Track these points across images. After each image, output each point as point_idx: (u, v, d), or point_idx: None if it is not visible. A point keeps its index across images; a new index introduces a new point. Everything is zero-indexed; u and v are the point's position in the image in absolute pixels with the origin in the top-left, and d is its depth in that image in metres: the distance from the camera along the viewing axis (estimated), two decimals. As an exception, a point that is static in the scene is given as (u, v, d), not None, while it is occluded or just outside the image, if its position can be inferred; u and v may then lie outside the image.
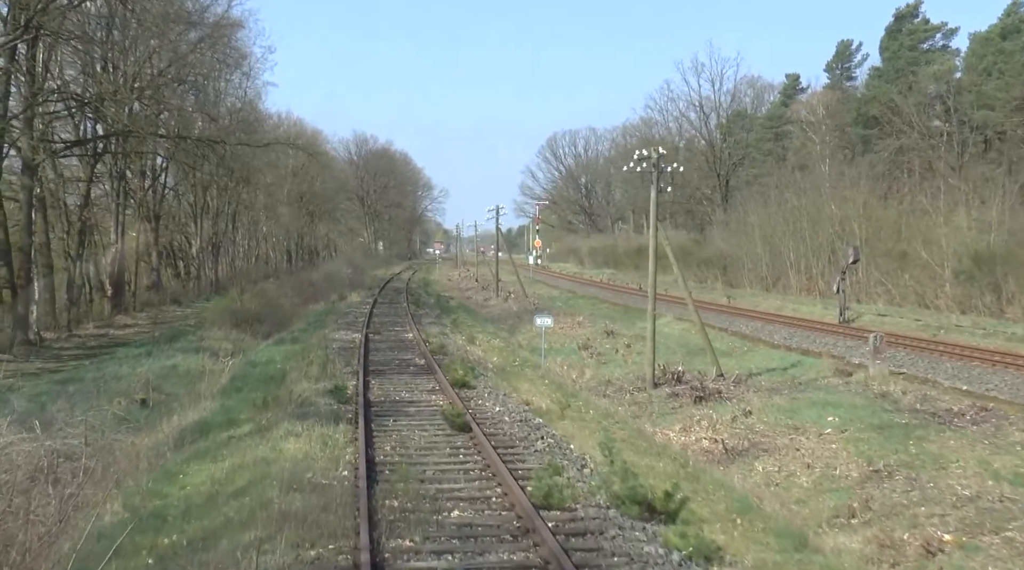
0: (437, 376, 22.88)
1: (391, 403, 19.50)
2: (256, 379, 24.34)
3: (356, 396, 19.79)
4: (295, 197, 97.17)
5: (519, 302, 58.23)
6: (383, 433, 16.30)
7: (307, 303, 58.46)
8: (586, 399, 21.94)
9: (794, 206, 60.17)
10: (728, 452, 18.96)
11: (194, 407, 21.44)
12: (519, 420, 17.55)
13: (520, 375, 24.98)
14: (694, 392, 24.28)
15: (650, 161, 27.10)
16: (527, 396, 20.85)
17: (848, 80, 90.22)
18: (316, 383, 21.56)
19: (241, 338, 41.50)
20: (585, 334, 39.39)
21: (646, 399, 25.27)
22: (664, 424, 22.29)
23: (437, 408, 18.82)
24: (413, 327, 36.07)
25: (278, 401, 19.06)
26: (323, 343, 30.94)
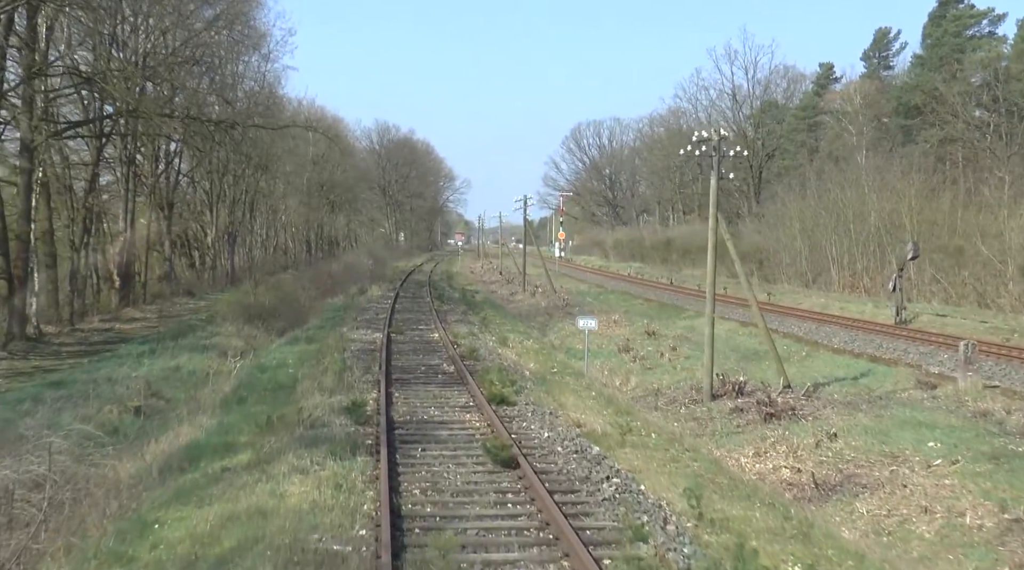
0: (470, 388, 19.71)
1: (418, 424, 16.35)
2: (263, 388, 21.26)
3: (377, 415, 16.67)
4: (315, 186, 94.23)
5: (547, 297, 55.04)
6: (410, 469, 13.15)
7: (325, 296, 55.46)
8: (644, 418, 18.71)
9: (837, 198, 56.62)
10: (819, 487, 15.73)
11: (191, 421, 18.41)
12: (574, 450, 14.37)
13: (562, 385, 21.80)
14: (761, 407, 21.03)
15: (710, 144, 23.79)
16: (577, 414, 17.67)
17: (886, 69, 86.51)
18: (330, 396, 18.43)
19: (253, 335, 38.67)
20: (623, 334, 36.16)
21: (705, 414, 22.04)
22: (731, 446, 19.08)
23: (473, 432, 15.69)
24: (439, 325, 32.94)
25: (284, 421, 15.94)
26: (340, 344, 27.85)
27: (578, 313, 45.06)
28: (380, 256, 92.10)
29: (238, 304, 42.64)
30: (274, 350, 29.92)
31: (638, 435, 16.26)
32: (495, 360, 25.05)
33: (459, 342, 28.19)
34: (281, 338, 35.24)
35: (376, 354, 25.35)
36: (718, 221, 24.78)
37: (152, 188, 51.74)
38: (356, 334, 30.78)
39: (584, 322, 26.74)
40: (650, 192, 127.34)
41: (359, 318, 36.65)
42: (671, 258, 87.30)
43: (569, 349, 34.62)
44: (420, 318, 36.81)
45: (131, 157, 47.11)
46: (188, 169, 60.63)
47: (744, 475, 15.95)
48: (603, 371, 29.55)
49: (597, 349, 34.17)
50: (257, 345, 36.13)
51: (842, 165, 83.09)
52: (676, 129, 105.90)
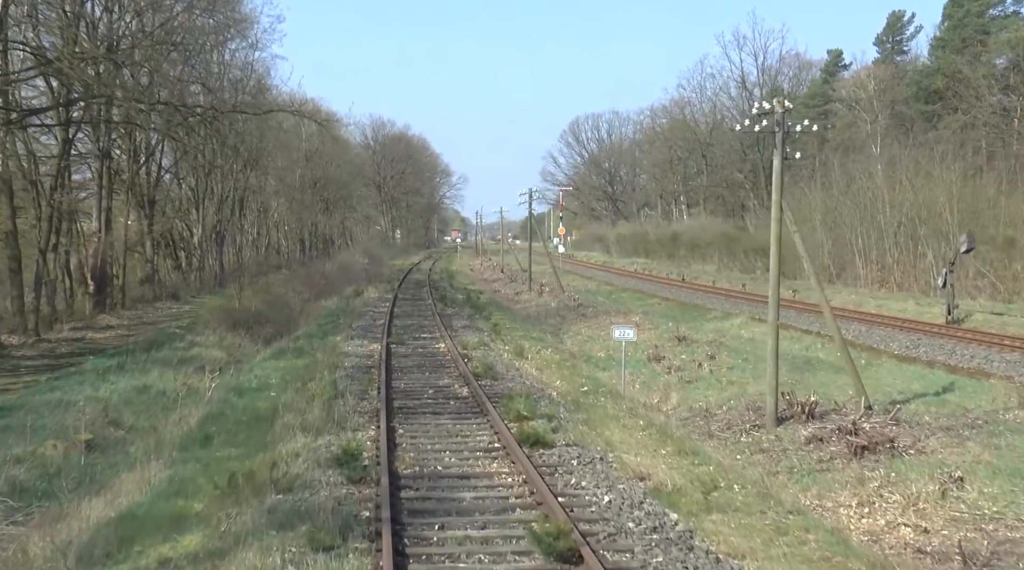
0: (492, 420, 15.63)
1: (431, 482, 12.22)
2: (236, 420, 17.16)
3: (376, 465, 12.61)
4: (309, 182, 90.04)
5: (555, 296, 50.95)
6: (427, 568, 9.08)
7: (319, 298, 51.35)
8: (716, 460, 14.60)
9: (864, 187, 52.53)
10: (969, 562, 11.67)
11: (141, 468, 14.37)
12: (650, 525, 10.28)
13: (601, 412, 17.69)
14: (846, 436, 16.97)
15: (773, 117, 19.69)
16: (631, 456, 13.59)
17: (899, 54, 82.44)
18: (316, 438, 14.34)
19: (237, 344, 34.70)
20: (650, 339, 32.07)
21: (774, 444, 17.94)
22: (820, 490, 15.03)
23: (507, 495, 11.62)
24: (444, 333, 28.82)
25: (254, 481, 11.82)
26: (332, 359, 23.77)
27: (591, 314, 41.06)
28: (376, 254, 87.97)
29: (221, 310, 38.56)
30: (257, 365, 25.83)
31: (727, 489, 12.21)
32: (514, 378, 20.98)
33: (470, 354, 24.10)
34: (268, 348, 31.27)
35: (374, 372, 21.25)
36: (783, 210, 20.41)
37: (130, 184, 47.54)
38: (351, 345, 26.67)
39: (621, 332, 22.56)
40: (651, 186, 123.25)
41: (355, 325, 32.54)
42: (678, 253, 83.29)
43: (590, 358, 30.56)
44: (423, 324, 32.69)
45: (105, 150, 42.91)
46: (170, 164, 56.41)
47: (869, 547, 11.92)
48: (634, 384, 25.47)
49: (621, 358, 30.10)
50: (240, 356, 32.21)
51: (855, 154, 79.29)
52: (680, 120, 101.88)
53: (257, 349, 34.18)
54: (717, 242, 72.59)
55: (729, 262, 70.10)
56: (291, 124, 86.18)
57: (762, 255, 62.36)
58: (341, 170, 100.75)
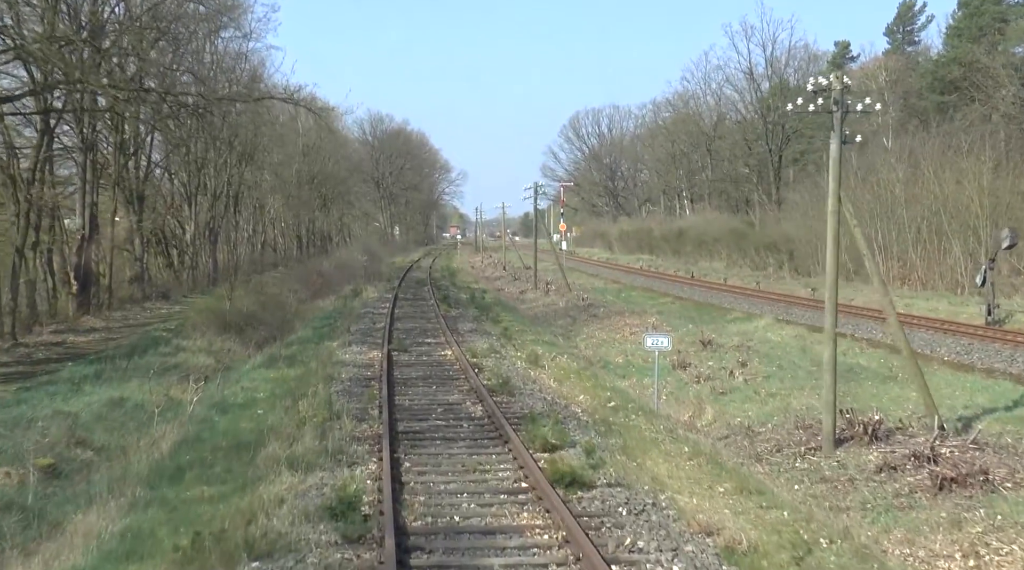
0: (515, 450, 13.09)
1: (449, 540, 9.65)
2: (214, 448, 14.59)
3: (379, 515, 10.09)
4: (306, 178, 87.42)
5: (562, 295, 48.41)
6: None
7: (316, 297, 48.88)
8: (789, 503, 12.05)
9: (885, 180, 49.98)
10: None
11: (100, 508, 11.90)
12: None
13: (636, 433, 15.18)
14: (925, 465, 14.46)
15: (830, 94, 17.12)
16: (688, 499, 11.08)
17: (910, 45, 80.00)
18: (306, 475, 11.80)
19: (227, 349, 32.26)
20: (671, 344, 29.54)
21: (836, 471, 15.39)
22: (905, 532, 12.48)
23: (546, 560, 9.08)
24: (450, 338, 26.27)
25: (223, 543, 9.27)
26: (328, 369, 21.25)
27: (603, 315, 38.57)
28: (375, 252, 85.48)
29: (211, 312, 36.02)
30: (246, 374, 23.29)
31: (805, 547, 9.68)
32: (533, 392, 18.46)
33: (480, 363, 21.57)
34: (259, 355, 28.82)
35: (374, 386, 18.71)
36: (842, 203, 17.84)
37: (116, 179, 44.92)
38: (348, 353, 24.11)
39: (654, 341, 19.88)
40: (654, 181, 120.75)
41: (353, 329, 29.98)
42: (684, 250, 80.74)
43: (607, 364, 28.03)
44: (426, 328, 30.13)
45: (90, 143, 40.31)
46: (161, 158, 53.83)
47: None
48: (661, 395, 22.95)
49: (643, 364, 27.54)
50: (230, 363, 29.77)
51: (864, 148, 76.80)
52: (684, 114, 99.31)
53: (248, 354, 31.76)
54: (725, 238, 70.05)
55: (738, 259, 67.58)
56: (287, 118, 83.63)
57: (773, 251, 60.04)
58: (339, 166, 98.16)
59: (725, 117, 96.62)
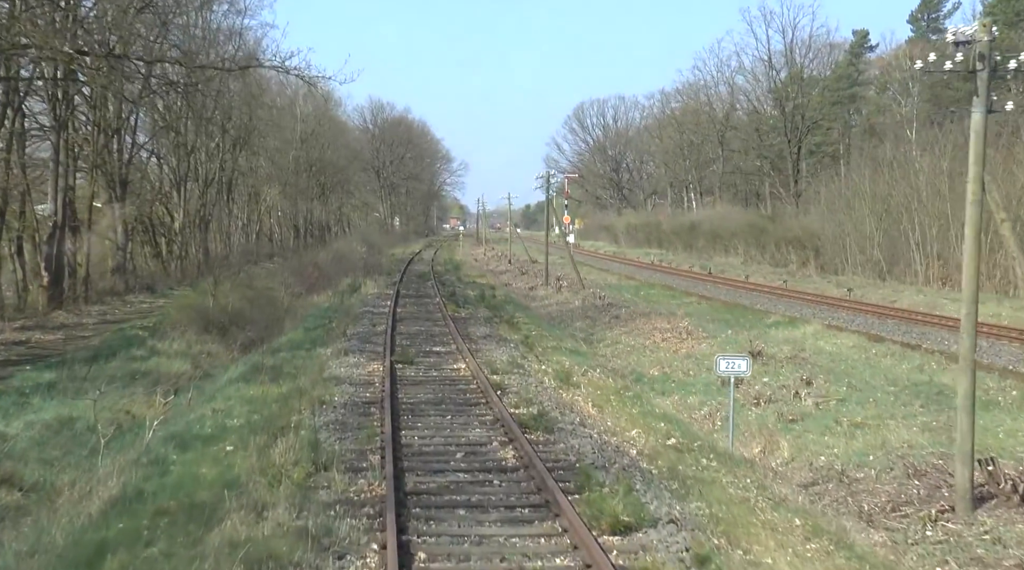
0: (573, 532, 9.15)
1: None
2: (156, 513, 10.60)
3: None
4: (304, 166, 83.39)
5: (576, 292, 44.46)
6: None
7: (311, 292, 44.90)
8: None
9: (925, 170, 45.94)
10: None
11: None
12: None
13: (719, 492, 11.24)
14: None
15: (971, 52, 13.14)
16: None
17: (935, 33, 75.75)
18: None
19: (207, 351, 28.43)
20: (711, 353, 25.63)
21: (988, 548, 11.43)
22: None
23: None
24: (462, 346, 22.30)
25: None
26: (317, 388, 17.29)
27: (626, 316, 34.62)
28: (375, 242, 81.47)
29: (193, 309, 32.06)
30: (221, 390, 19.32)
31: None
32: (574, 426, 14.53)
33: (503, 383, 17.62)
34: (241, 360, 25.03)
35: (374, 416, 14.78)
36: (983, 187, 13.80)
37: (95, 162, 40.90)
38: (343, 365, 20.12)
39: (728, 364, 15.60)
40: (660, 173, 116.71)
41: (349, 332, 26.00)
42: (696, 245, 76.76)
43: (641, 376, 24.10)
44: (433, 332, 26.14)
45: (63, 121, 36.32)
46: (147, 141, 49.79)
47: None
48: (714, 419, 19.06)
49: (684, 378, 23.65)
50: (209, 369, 25.91)
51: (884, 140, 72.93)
52: (696, 103, 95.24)
53: (232, 357, 27.94)
54: (742, 233, 66.04)
55: (756, 254, 63.63)
56: (285, 102, 79.67)
57: (797, 247, 56.09)
58: (338, 154, 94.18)
59: (736, 107, 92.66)
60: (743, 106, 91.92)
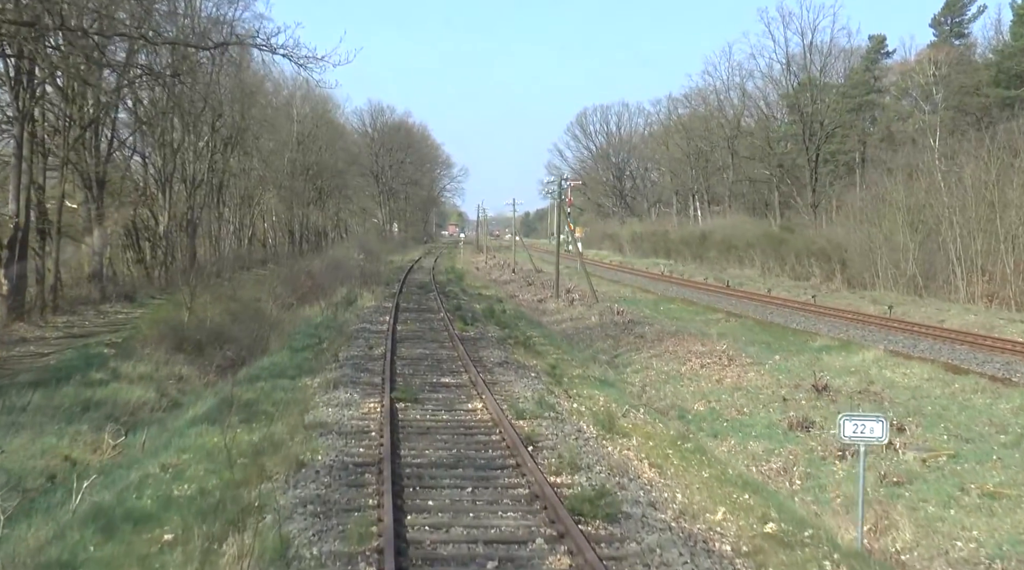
0: None
1: None
2: None
3: None
4: (301, 169, 79.46)
5: (590, 306, 40.56)
6: None
7: (303, 302, 40.95)
8: None
9: (973, 176, 42.01)
10: None
11: None
12: None
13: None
14: None
15: None
16: None
17: (958, 38, 72.17)
18: None
19: (178, 374, 24.48)
20: (766, 385, 21.76)
21: None
22: None
23: None
24: (476, 376, 18.32)
25: None
26: (296, 440, 13.35)
27: (652, 336, 30.70)
28: (372, 249, 77.45)
29: (165, 324, 28.11)
30: (180, 432, 15.40)
31: None
32: (639, 505, 10.57)
33: (535, 435, 13.70)
34: (216, 387, 21.20)
35: (368, 490, 10.81)
36: None
37: (67, 158, 36.95)
38: (331, 404, 16.11)
39: (857, 428, 11.33)
40: (665, 181, 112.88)
41: (342, 355, 22.03)
42: (707, 255, 72.84)
43: (683, 413, 20.19)
44: (439, 357, 22.15)
45: (26, 112, 32.38)
46: (128, 136, 45.82)
47: None
48: (791, 476, 15.13)
49: (738, 416, 19.68)
50: (178, 396, 22.03)
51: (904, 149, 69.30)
52: (707, 109, 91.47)
53: (207, 381, 24.14)
54: (759, 243, 62.13)
55: (774, 266, 59.72)
56: (281, 102, 75.81)
57: (822, 259, 52.28)
58: (336, 157, 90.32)
59: (746, 114, 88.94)
60: (754, 112, 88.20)
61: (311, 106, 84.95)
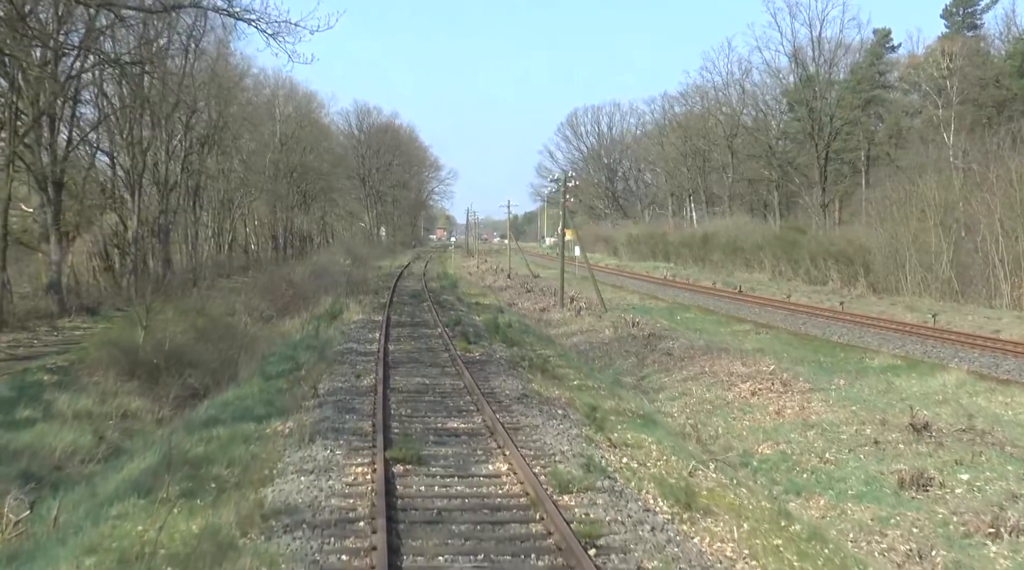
0: None
1: None
2: None
3: None
4: (284, 171, 75.11)
5: (600, 316, 36.41)
6: None
7: (284, 314, 36.69)
8: None
9: (1016, 174, 38.07)
10: None
11: None
12: None
13: None
14: None
15: None
16: None
17: (970, 29, 68.43)
18: None
19: (127, 409, 20.18)
20: (840, 419, 17.60)
21: None
22: None
23: None
24: (494, 422, 14.06)
25: None
26: (248, 534, 9.10)
27: (681, 352, 26.55)
28: (360, 254, 73.16)
29: (117, 346, 23.78)
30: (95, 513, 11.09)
31: None
32: None
33: (592, 525, 9.45)
34: (172, 424, 17.02)
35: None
36: None
37: (11, 157, 32.52)
38: (303, 470, 11.75)
39: None
40: (660, 181, 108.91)
41: (322, 388, 17.73)
42: (711, 258, 68.78)
43: (747, 458, 16.06)
44: (443, 389, 17.84)
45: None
46: (88, 132, 41.35)
47: None
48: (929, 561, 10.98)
49: (821, 465, 15.43)
50: (118, 442, 17.77)
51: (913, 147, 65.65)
52: (706, 108, 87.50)
53: (160, 417, 19.96)
54: (769, 246, 58.07)
55: (786, 270, 55.68)
56: (262, 100, 71.51)
57: (843, 262, 48.26)
58: (321, 159, 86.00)
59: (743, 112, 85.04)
60: (753, 110, 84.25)
61: (295, 105, 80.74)
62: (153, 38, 38.94)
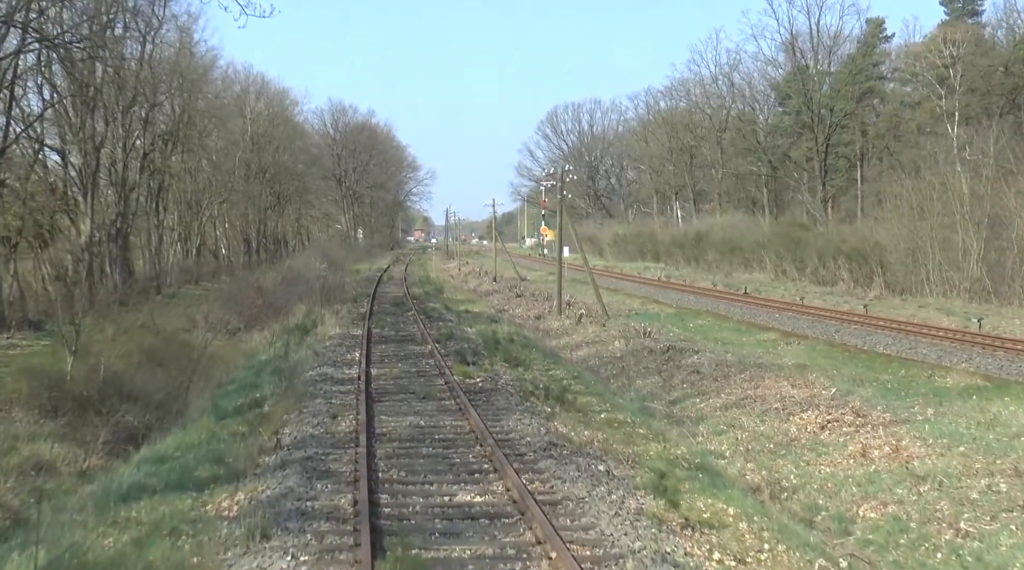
0: None
1: None
2: None
3: None
4: (256, 171, 70.58)
5: (605, 326, 32.33)
6: None
7: (252, 327, 32.48)
8: None
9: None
10: None
11: None
12: None
13: None
14: None
15: None
16: None
17: (971, 16, 64.99)
18: None
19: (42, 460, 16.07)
20: (954, 468, 13.60)
21: None
22: None
23: None
24: (522, 496, 9.98)
25: None
26: None
27: (711, 371, 22.53)
28: (336, 258, 68.79)
29: (40, 374, 19.48)
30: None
31: None
32: None
33: None
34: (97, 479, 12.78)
35: None
36: None
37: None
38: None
39: None
40: (645, 179, 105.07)
41: (286, 436, 13.53)
42: (705, 257, 64.88)
43: (843, 524, 12.04)
44: (444, 437, 13.63)
45: None
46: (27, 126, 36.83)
47: None
48: None
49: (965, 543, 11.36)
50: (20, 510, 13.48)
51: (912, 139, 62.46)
52: (689, 103, 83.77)
53: (85, 469, 15.92)
54: (771, 244, 54.22)
55: (790, 270, 51.83)
56: (232, 96, 66.98)
57: (856, 261, 44.46)
58: (295, 158, 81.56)
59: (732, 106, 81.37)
60: (742, 104, 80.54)
61: (266, 102, 76.28)
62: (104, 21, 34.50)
